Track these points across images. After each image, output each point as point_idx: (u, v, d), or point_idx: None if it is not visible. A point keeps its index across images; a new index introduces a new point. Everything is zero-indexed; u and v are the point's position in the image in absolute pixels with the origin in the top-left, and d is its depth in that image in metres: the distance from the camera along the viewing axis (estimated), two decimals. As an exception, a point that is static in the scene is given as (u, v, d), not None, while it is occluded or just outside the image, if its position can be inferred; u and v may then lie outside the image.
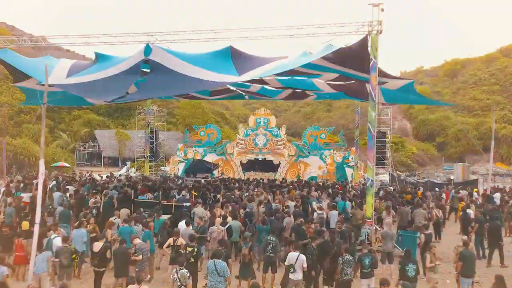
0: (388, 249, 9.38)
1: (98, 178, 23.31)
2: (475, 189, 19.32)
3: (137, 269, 7.92)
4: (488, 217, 12.09)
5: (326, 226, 10.88)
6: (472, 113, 53.67)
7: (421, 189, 19.73)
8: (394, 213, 12.09)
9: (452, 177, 33.61)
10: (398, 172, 35.49)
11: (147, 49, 11.87)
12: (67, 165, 33.05)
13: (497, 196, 17.14)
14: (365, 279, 7.74)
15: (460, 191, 19.80)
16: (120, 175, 27.04)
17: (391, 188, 20.30)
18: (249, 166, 28.41)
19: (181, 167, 29.56)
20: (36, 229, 8.23)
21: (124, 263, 8.05)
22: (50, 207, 12.48)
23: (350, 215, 12.16)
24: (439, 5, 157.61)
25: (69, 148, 37.30)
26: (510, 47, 67.47)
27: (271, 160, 27.99)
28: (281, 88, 19.30)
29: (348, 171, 26.40)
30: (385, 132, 27.30)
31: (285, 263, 7.64)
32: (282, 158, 27.88)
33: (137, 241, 8.27)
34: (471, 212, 12.55)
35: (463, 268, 7.70)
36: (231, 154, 28.74)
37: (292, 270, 7.37)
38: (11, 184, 17.60)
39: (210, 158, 28.64)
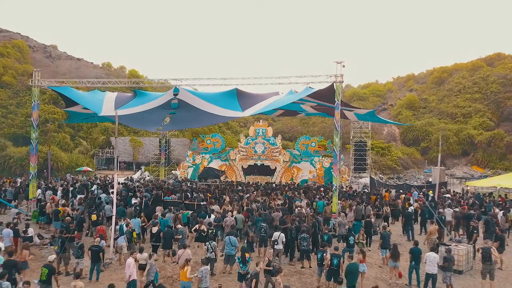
0: (342, 233, 13.92)
1: (122, 180, 28.00)
2: (430, 191, 23.81)
3: (179, 244, 12.46)
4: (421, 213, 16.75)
5: (304, 218, 15.39)
6: (455, 119, 57.47)
7: (390, 191, 24.28)
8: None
9: (430, 179, 37.44)
10: (380, 175, 39.93)
11: (176, 90, 16.48)
12: (90, 169, 37.49)
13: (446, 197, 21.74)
14: (323, 248, 12.25)
15: (420, 194, 24.45)
16: (140, 178, 31.53)
17: (366, 190, 24.88)
18: (249, 170, 32.89)
19: (190, 171, 34.12)
20: (113, 219, 12.80)
21: (170, 240, 12.60)
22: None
23: (324, 210, 16.71)
24: (434, 9, 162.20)
25: (89, 154, 41.69)
26: (493, 56, 71.29)
27: (268, 165, 32.53)
28: (275, 109, 23.93)
29: (334, 175, 30.81)
30: (366, 142, 31.87)
31: (272, 239, 12.18)
32: (278, 163, 32.41)
33: (179, 226, 12.85)
34: (412, 209, 17.11)
35: (382, 243, 12.24)
36: (234, 160, 33.23)
37: (277, 243, 11.92)
38: (61, 187, 22.22)
39: (215, 163, 33.11)
